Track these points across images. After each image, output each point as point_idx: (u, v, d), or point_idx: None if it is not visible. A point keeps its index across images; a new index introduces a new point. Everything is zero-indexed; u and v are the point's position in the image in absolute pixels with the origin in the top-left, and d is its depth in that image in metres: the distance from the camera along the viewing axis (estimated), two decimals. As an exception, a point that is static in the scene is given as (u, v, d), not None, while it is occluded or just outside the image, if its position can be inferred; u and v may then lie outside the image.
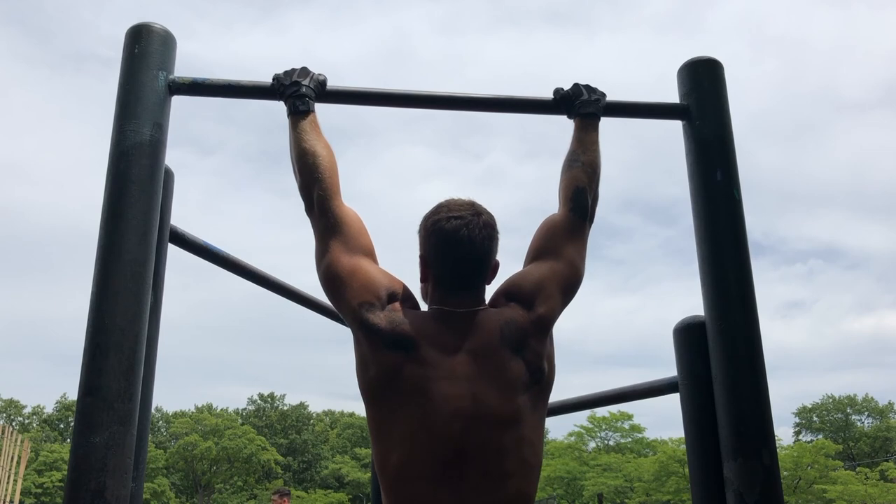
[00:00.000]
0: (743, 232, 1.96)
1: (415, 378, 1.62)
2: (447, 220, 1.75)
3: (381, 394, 1.65)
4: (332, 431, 57.79)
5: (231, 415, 54.01)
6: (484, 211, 1.79)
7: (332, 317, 2.71)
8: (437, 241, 1.75)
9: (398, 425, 1.63)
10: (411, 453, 1.60)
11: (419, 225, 1.82)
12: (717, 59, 2.11)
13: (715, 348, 1.90)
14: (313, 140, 1.85)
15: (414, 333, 1.65)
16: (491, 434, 1.61)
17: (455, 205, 1.78)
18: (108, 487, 1.59)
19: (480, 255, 1.75)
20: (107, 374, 1.65)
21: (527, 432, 1.65)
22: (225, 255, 2.17)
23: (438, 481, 1.59)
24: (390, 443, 1.64)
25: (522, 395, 1.65)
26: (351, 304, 1.70)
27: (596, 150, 1.99)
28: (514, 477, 1.62)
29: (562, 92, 2.05)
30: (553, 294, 1.77)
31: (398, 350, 1.64)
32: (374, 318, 1.67)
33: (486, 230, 1.76)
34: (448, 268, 1.75)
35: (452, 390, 1.62)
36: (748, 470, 1.79)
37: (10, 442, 12.40)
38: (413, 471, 1.60)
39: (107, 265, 1.72)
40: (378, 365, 1.65)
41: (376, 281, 1.73)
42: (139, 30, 1.91)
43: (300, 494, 45.54)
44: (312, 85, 1.92)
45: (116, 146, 1.81)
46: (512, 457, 1.62)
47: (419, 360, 1.63)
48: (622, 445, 44.33)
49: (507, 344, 1.67)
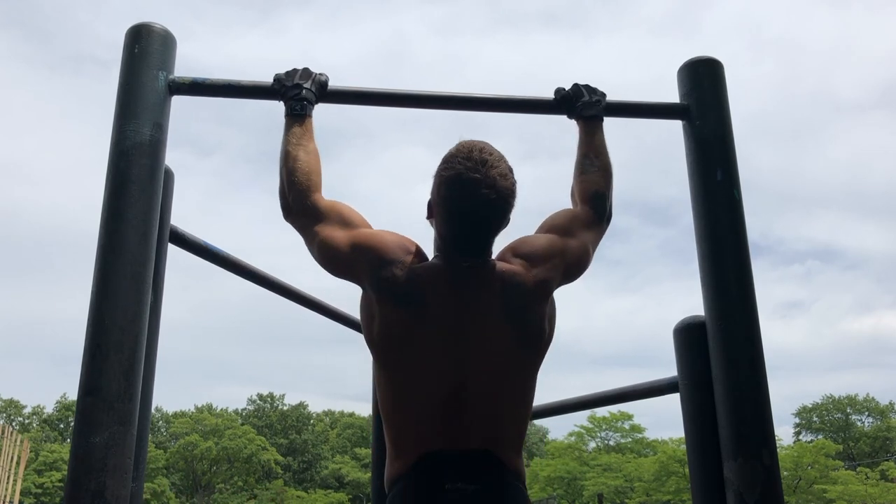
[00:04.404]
0: (743, 232, 1.96)
1: (421, 329, 1.67)
2: (460, 178, 1.65)
3: (387, 344, 1.70)
4: (332, 431, 57.77)
5: (231, 415, 53.97)
6: (500, 171, 1.67)
7: (333, 317, 2.71)
8: (446, 202, 1.70)
9: (402, 372, 1.68)
10: (414, 398, 1.67)
11: (436, 169, 1.74)
12: (717, 59, 2.11)
13: (715, 348, 1.90)
14: (300, 144, 1.85)
15: (423, 287, 1.69)
16: (489, 384, 1.67)
17: (469, 160, 1.66)
18: (108, 487, 1.59)
19: (491, 219, 1.71)
20: (107, 374, 1.64)
21: (521, 384, 1.73)
22: (225, 255, 2.17)
23: (438, 421, 1.66)
24: (394, 387, 1.70)
25: (520, 349, 1.71)
26: (361, 265, 1.72)
27: (607, 153, 2.01)
28: (507, 422, 1.70)
29: (563, 92, 2.05)
30: (558, 265, 1.79)
31: (408, 304, 1.68)
32: (386, 274, 1.69)
33: (501, 196, 1.67)
34: (455, 226, 1.72)
35: (455, 341, 1.67)
36: (748, 470, 1.79)
37: (10, 442, 12.41)
38: (414, 412, 1.67)
39: (107, 265, 1.72)
40: (387, 318, 1.68)
41: (382, 239, 1.75)
42: (139, 29, 1.91)
43: (300, 494, 45.55)
44: (314, 88, 1.92)
45: (116, 146, 1.81)
46: (507, 405, 1.70)
47: (426, 312, 1.68)
48: (622, 445, 44.32)
49: (509, 300, 1.71)
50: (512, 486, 1.65)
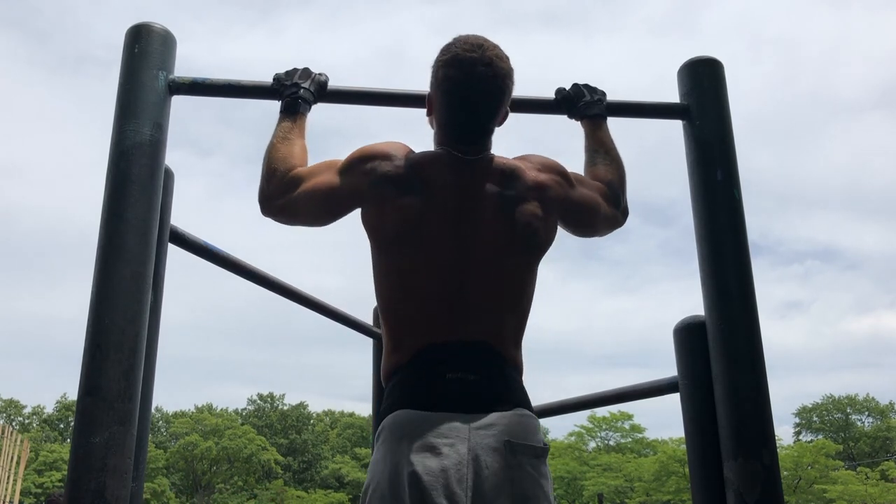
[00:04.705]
0: (743, 231, 1.96)
1: (424, 216, 1.68)
2: (457, 58, 1.68)
3: (393, 234, 1.70)
4: (332, 431, 57.76)
5: (231, 415, 53.98)
6: (497, 53, 1.70)
7: (333, 317, 2.72)
8: (444, 84, 1.71)
9: (407, 260, 1.69)
10: (417, 287, 1.68)
11: (433, 60, 1.76)
12: (717, 59, 2.11)
13: (715, 348, 1.90)
14: (287, 138, 1.83)
15: (424, 174, 1.70)
16: (488, 275, 1.69)
17: (466, 44, 1.69)
18: (108, 487, 1.59)
19: (489, 98, 1.71)
20: (107, 374, 1.64)
21: (519, 278, 1.73)
22: (225, 255, 2.17)
23: (439, 311, 1.67)
24: (398, 277, 1.71)
25: (515, 244, 1.71)
26: (359, 178, 1.72)
27: (616, 149, 2.00)
28: (506, 314, 1.71)
29: (564, 92, 2.05)
30: (562, 186, 1.81)
31: (411, 192, 1.69)
32: (385, 168, 1.71)
33: (497, 75, 1.69)
34: (455, 108, 1.73)
35: (455, 230, 1.69)
36: (748, 470, 1.79)
37: (10, 442, 12.41)
38: (417, 302, 1.68)
39: (107, 265, 1.72)
40: (391, 210, 1.69)
41: (373, 147, 1.77)
42: (139, 29, 1.91)
43: (300, 494, 45.53)
44: (312, 88, 1.91)
45: (116, 146, 1.81)
46: (505, 297, 1.71)
47: (428, 199, 1.69)
48: (622, 445, 44.36)
49: (506, 192, 1.72)
50: (511, 378, 1.68)
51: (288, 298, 2.45)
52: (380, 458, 1.60)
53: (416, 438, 1.55)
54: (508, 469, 1.54)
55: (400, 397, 1.63)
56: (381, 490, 1.55)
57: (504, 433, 1.57)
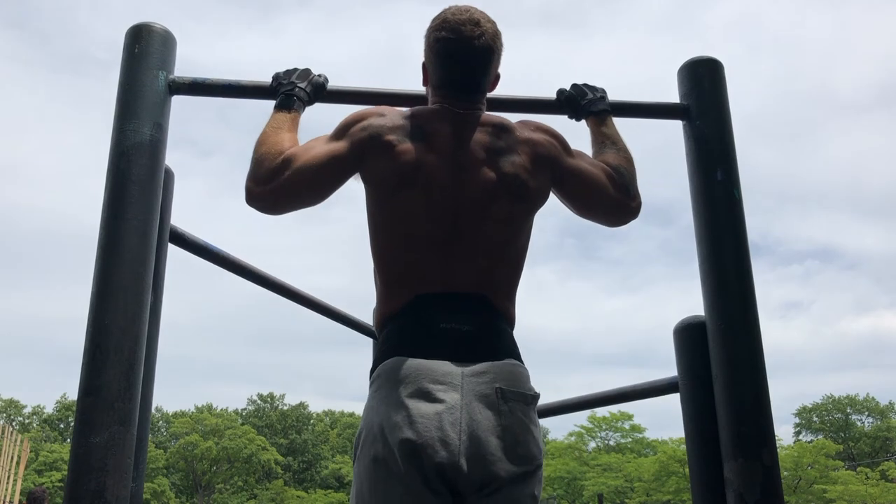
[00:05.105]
0: (743, 231, 1.96)
1: (423, 163, 1.71)
2: (447, 21, 1.79)
3: (392, 182, 1.72)
4: (332, 431, 57.77)
5: (231, 415, 53.98)
6: (485, 16, 1.81)
7: (333, 317, 2.71)
8: (436, 46, 1.80)
9: (403, 207, 1.71)
10: (413, 235, 1.71)
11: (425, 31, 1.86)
12: (717, 59, 2.11)
13: (715, 348, 1.90)
14: (279, 128, 1.81)
15: (422, 126, 1.76)
16: (482, 226, 1.72)
17: (455, 10, 1.81)
18: (108, 487, 1.59)
19: (480, 56, 1.79)
20: (107, 374, 1.64)
21: (512, 232, 1.75)
22: (225, 255, 2.17)
23: (434, 261, 1.70)
24: (394, 225, 1.73)
25: (509, 197, 1.74)
26: (357, 140, 1.75)
27: (625, 143, 1.99)
28: (500, 266, 1.74)
29: (566, 93, 2.05)
30: (556, 149, 1.84)
31: (411, 140, 1.73)
32: (383, 122, 1.76)
33: (486, 33, 1.78)
34: (447, 71, 1.81)
35: (451, 179, 1.72)
36: (748, 470, 1.79)
37: (10, 442, 12.41)
38: (413, 250, 1.71)
39: (107, 265, 1.72)
40: (390, 161, 1.71)
41: (366, 109, 1.82)
42: (139, 29, 1.91)
43: (300, 494, 45.55)
44: (308, 88, 1.91)
45: (116, 146, 1.81)
46: (499, 249, 1.74)
47: (426, 148, 1.73)
48: (622, 445, 44.35)
49: (498, 145, 1.77)
50: (503, 331, 1.71)
51: (288, 298, 2.45)
52: (374, 403, 1.63)
53: (410, 384, 1.58)
54: (500, 415, 1.58)
55: (394, 345, 1.66)
56: (374, 434, 1.58)
57: (496, 380, 1.61)
